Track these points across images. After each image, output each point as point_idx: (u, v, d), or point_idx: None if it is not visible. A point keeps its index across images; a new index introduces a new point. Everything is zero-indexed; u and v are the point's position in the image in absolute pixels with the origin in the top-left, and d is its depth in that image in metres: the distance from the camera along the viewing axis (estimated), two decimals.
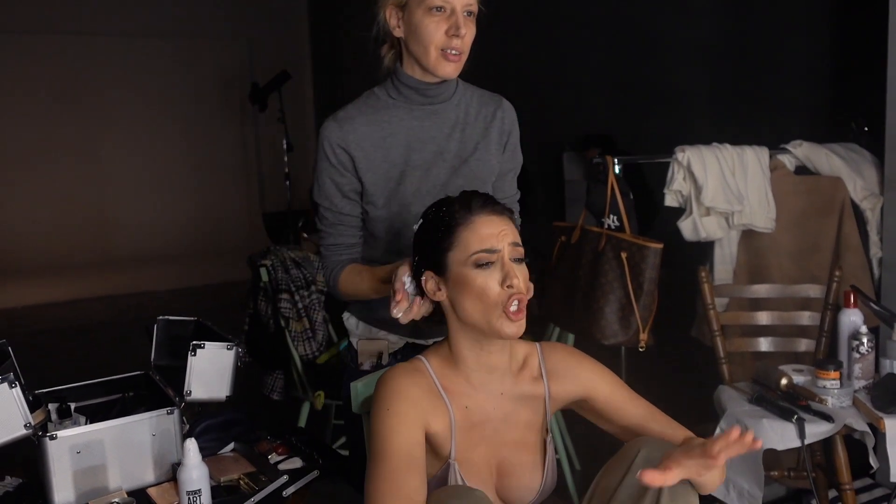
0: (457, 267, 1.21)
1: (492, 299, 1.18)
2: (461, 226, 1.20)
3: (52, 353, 4.85)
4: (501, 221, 1.22)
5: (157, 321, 1.84)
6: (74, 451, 1.43)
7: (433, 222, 1.24)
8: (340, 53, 8.68)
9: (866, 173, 2.57)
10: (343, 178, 1.49)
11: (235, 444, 1.68)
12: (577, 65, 4.68)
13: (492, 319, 1.19)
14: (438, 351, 1.29)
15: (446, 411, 1.24)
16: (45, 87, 8.34)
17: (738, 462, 1.91)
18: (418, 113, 1.50)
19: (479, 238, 1.20)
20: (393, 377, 1.23)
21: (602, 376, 1.33)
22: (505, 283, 1.18)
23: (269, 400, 3.11)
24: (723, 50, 3.77)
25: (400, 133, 1.49)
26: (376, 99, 1.52)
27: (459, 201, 1.24)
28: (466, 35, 1.41)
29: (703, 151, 2.49)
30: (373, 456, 1.15)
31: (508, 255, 1.20)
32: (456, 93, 1.53)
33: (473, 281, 1.19)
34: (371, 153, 1.48)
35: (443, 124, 1.52)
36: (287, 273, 2.95)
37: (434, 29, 1.40)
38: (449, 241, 1.21)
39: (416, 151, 1.50)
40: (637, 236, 2.35)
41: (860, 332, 1.94)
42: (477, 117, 1.55)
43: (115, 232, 8.82)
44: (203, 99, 9.15)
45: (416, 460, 1.15)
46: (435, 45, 1.41)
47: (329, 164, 1.49)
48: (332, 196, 1.51)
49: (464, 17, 1.40)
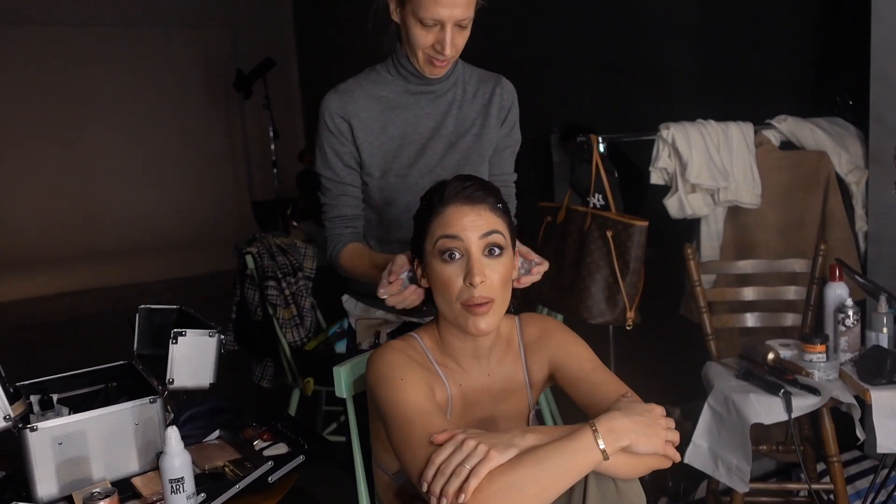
0: (429, 258, 1.18)
1: (452, 295, 1.15)
2: (434, 215, 1.17)
3: (39, 347, 4.83)
4: (474, 212, 1.15)
5: (138, 310, 1.82)
6: (56, 443, 1.42)
7: (418, 210, 1.23)
8: (325, 40, 8.61)
9: (851, 147, 2.57)
10: (343, 146, 1.52)
11: (221, 432, 1.67)
12: (564, 44, 4.65)
13: (455, 314, 1.17)
14: (429, 331, 1.28)
15: (443, 386, 1.23)
16: (28, 78, 8.26)
17: (726, 437, 1.92)
18: (416, 90, 1.53)
19: (444, 227, 1.15)
20: (390, 352, 1.21)
21: (567, 345, 1.28)
22: (468, 280, 1.14)
23: (259, 388, 3.10)
24: (707, 26, 3.75)
25: (398, 108, 1.52)
26: (376, 74, 1.54)
27: (438, 189, 1.19)
28: (456, 44, 1.42)
29: (688, 128, 2.48)
30: (400, 425, 1.10)
31: (479, 248, 1.15)
32: (454, 72, 1.55)
33: (438, 273, 1.16)
34: (369, 124, 1.51)
35: (440, 101, 1.54)
36: (273, 260, 2.94)
37: (422, 38, 1.41)
38: (424, 231, 1.19)
39: (412, 127, 1.53)
40: (622, 214, 2.34)
41: (846, 305, 1.94)
42: (475, 95, 1.57)
43: (102, 223, 8.76)
44: (188, 87, 9.08)
45: (441, 414, 1.13)
46: (422, 50, 1.43)
47: (329, 133, 1.52)
48: (334, 165, 1.53)
49: (454, 29, 1.39)
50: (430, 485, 1.01)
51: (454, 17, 1.37)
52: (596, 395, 1.19)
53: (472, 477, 0.98)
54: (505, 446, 1.02)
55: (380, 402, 1.16)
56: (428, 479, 1.01)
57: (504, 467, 0.99)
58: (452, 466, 1.00)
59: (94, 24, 8.44)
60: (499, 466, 0.99)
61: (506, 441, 1.03)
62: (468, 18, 1.40)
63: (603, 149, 2.46)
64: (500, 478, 0.98)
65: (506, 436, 1.04)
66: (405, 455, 1.08)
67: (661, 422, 1.06)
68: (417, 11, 1.37)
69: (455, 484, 0.99)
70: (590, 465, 1.02)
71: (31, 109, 8.30)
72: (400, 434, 1.10)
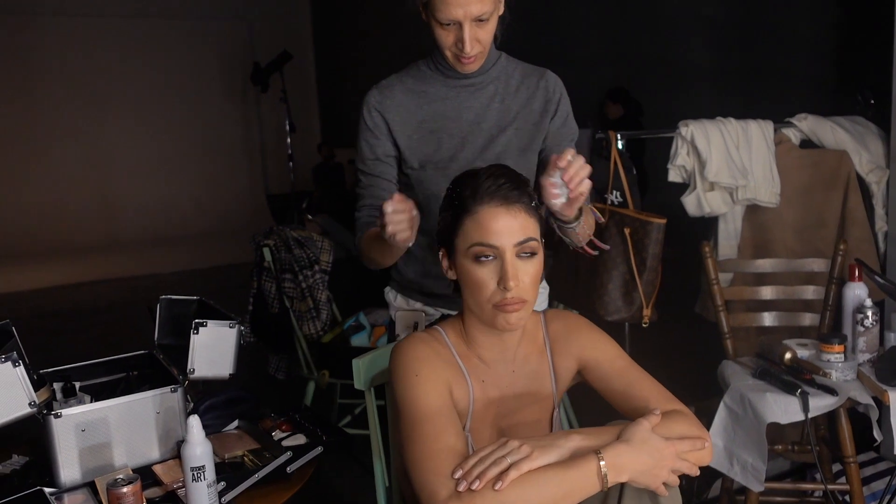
0: (460, 256, 1.17)
1: (485, 296, 1.16)
2: (466, 213, 1.15)
3: (58, 335, 4.88)
4: (509, 215, 1.13)
5: (159, 300, 1.84)
6: (79, 429, 1.44)
7: (447, 201, 1.20)
8: (342, 33, 8.63)
9: (872, 146, 2.55)
10: (377, 140, 1.56)
11: (239, 422, 1.68)
12: (581, 40, 4.64)
13: (484, 313, 1.17)
14: (453, 324, 1.28)
15: (465, 382, 1.23)
16: (48, 70, 8.34)
17: (742, 436, 1.91)
18: (456, 84, 1.55)
19: (480, 231, 1.14)
20: (412, 345, 1.21)
21: (595, 343, 1.28)
22: (501, 284, 1.14)
23: (274, 380, 3.13)
24: (727, 23, 3.73)
25: (437, 101, 1.55)
26: (417, 70, 1.58)
27: (471, 184, 1.16)
28: (480, 39, 1.43)
29: (707, 126, 2.47)
30: (409, 422, 1.12)
31: (513, 252, 1.14)
32: (496, 66, 1.57)
33: (471, 274, 1.16)
34: (406, 118, 1.55)
35: (481, 95, 1.56)
36: (290, 253, 2.95)
37: (445, 38, 1.44)
38: (455, 227, 1.17)
39: (452, 120, 1.55)
40: (640, 212, 2.34)
41: (865, 305, 1.93)
42: (518, 88, 1.58)
43: (120, 214, 8.85)
44: (206, 80, 9.13)
45: (451, 415, 1.13)
46: (448, 50, 1.46)
47: (366, 127, 1.57)
48: (367, 157, 1.58)
49: (473, 26, 1.40)
50: (465, 472, 1.02)
51: (470, 15, 1.38)
52: (631, 392, 1.20)
53: (513, 469, 1.00)
54: (548, 447, 1.04)
55: (396, 395, 1.18)
56: (466, 468, 1.02)
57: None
58: (493, 458, 1.02)
59: (112, 17, 8.50)
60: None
61: (548, 442, 1.05)
62: (487, 12, 1.40)
63: (621, 145, 2.45)
64: (497, 496, 0.99)
65: (549, 437, 1.06)
66: (410, 452, 1.09)
67: (668, 462, 1.07)
68: (435, 14, 1.39)
69: (493, 471, 1.00)
70: (587, 493, 1.04)
71: (51, 101, 8.38)
72: (407, 430, 1.12)
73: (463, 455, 1.07)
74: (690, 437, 1.11)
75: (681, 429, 1.11)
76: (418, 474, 1.06)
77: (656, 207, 2.48)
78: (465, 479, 1.01)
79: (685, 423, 1.13)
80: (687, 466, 1.09)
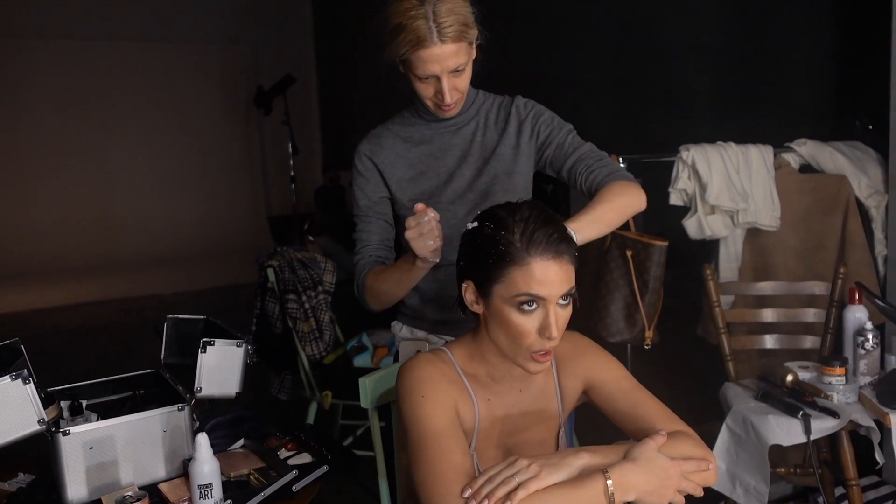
0: (499, 300, 1.14)
1: (524, 344, 1.15)
2: (515, 265, 1.11)
3: (60, 355, 4.88)
4: (559, 267, 1.12)
5: (166, 319, 1.86)
6: (87, 447, 1.45)
7: (488, 241, 1.14)
8: (345, 57, 8.71)
9: (871, 171, 2.58)
10: (369, 183, 1.63)
11: (245, 441, 1.69)
12: (582, 65, 4.69)
13: (518, 356, 1.18)
14: (462, 343, 1.28)
15: (471, 401, 1.24)
16: (52, 91, 8.40)
17: (744, 459, 1.92)
18: (439, 127, 1.63)
19: (530, 283, 1.11)
20: (418, 365, 1.22)
21: (601, 364, 1.30)
22: (543, 333, 1.13)
23: (277, 400, 3.13)
24: (727, 48, 3.78)
25: (423, 144, 1.63)
26: (402, 118, 1.67)
27: (522, 231, 1.11)
28: (457, 88, 1.50)
29: (708, 150, 2.50)
30: (415, 443, 1.13)
31: (557, 301, 1.13)
32: (474, 103, 1.64)
33: (512, 321, 1.14)
34: (396, 161, 1.62)
35: (464, 132, 1.63)
36: (294, 273, 2.97)
37: (424, 90, 1.51)
38: (498, 273, 1.13)
39: (439, 159, 1.63)
40: (642, 234, 2.36)
41: (865, 328, 1.94)
42: (496, 121, 1.65)
43: (122, 235, 8.87)
44: (209, 103, 9.20)
45: (457, 436, 1.14)
46: (429, 100, 1.53)
47: (358, 174, 1.64)
48: (360, 200, 1.64)
49: (450, 77, 1.47)
50: (474, 491, 1.03)
51: (447, 69, 1.45)
52: (636, 413, 1.21)
53: (521, 489, 1.02)
54: (556, 466, 1.05)
55: (402, 416, 1.19)
56: (475, 487, 1.04)
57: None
58: (502, 478, 1.03)
59: (116, 39, 8.60)
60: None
61: (556, 461, 1.06)
62: (462, 63, 1.46)
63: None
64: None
65: (557, 456, 1.08)
66: (417, 473, 1.10)
67: (674, 482, 1.09)
68: (413, 70, 1.46)
69: (502, 491, 1.02)
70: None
71: (54, 122, 8.45)
72: (414, 450, 1.13)
73: (470, 474, 1.08)
74: (696, 458, 1.12)
75: (686, 449, 1.13)
76: (426, 494, 1.07)
77: (657, 230, 2.51)
78: (475, 499, 1.02)
79: (690, 444, 1.15)
80: (692, 487, 1.11)
